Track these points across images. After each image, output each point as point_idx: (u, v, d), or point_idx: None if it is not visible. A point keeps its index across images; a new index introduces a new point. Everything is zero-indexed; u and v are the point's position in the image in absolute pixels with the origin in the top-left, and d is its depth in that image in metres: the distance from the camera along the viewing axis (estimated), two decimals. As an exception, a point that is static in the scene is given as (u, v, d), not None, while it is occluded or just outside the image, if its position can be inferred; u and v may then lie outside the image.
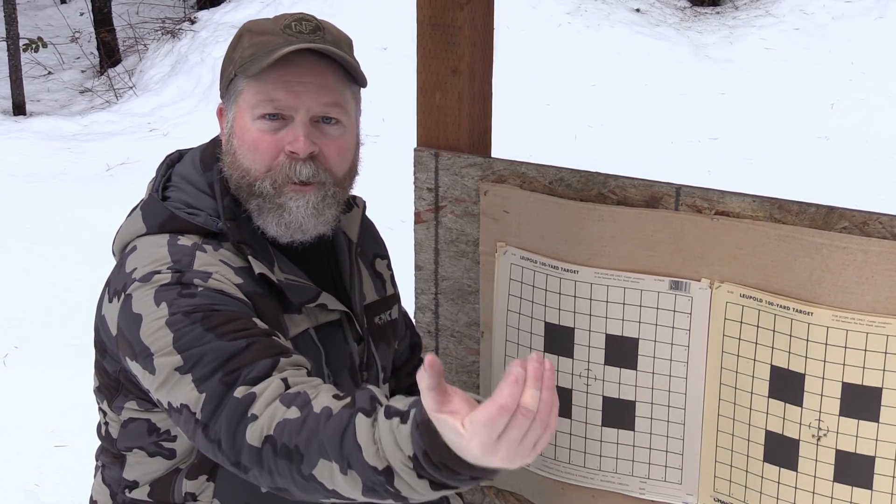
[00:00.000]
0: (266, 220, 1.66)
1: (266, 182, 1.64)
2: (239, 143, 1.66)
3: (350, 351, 1.75)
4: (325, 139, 1.66)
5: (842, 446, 1.84)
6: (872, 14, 9.17)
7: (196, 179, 1.72)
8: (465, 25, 2.11)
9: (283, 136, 1.64)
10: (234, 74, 1.67)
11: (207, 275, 1.57)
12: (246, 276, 1.63)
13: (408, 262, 2.25)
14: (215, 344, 1.49)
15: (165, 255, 1.61)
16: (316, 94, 1.65)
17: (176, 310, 1.52)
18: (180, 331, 1.51)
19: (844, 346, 1.81)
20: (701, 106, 8.33)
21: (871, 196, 5.91)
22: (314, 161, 1.65)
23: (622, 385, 2.04)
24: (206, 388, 1.47)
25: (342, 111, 1.69)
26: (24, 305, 5.01)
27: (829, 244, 1.81)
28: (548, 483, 2.17)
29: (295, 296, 1.67)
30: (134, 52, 9.87)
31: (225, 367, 1.47)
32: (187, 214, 1.68)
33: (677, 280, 1.96)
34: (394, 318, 1.91)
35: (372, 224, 1.97)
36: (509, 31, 8.60)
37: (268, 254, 1.68)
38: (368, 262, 1.89)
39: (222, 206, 1.67)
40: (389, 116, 7.19)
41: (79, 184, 6.76)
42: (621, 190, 2.00)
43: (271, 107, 1.63)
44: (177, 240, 1.64)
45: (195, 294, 1.53)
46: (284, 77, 1.64)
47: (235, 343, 1.49)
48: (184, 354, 1.50)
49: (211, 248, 1.63)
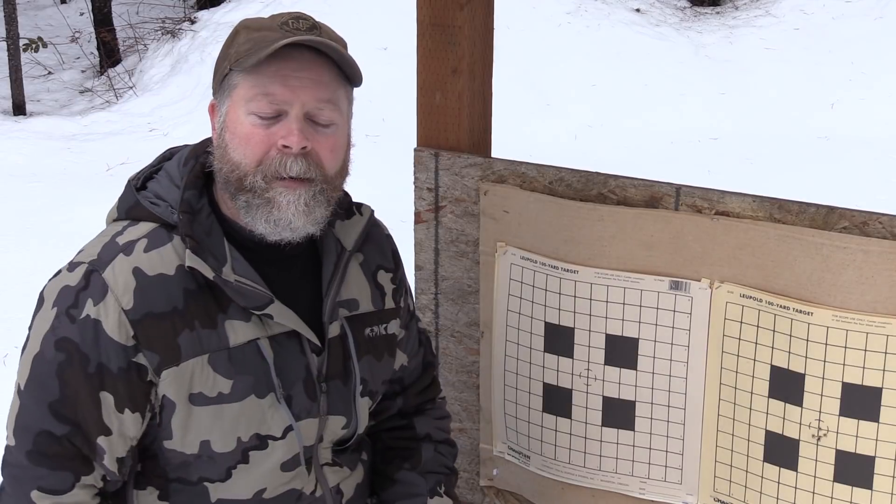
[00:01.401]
0: (255, 217, 1.65)
1: (257, 176, 1.63)
2: (230, 136, 1.66)
3: (307, 362, 1.73)
4: (317, 136, 1.66)
5: (842, 446, 1.84)
6: (872, 14, 9.17)
7: (174, 173, 1.74)
8: (465, 25, 2.11)
9: (276, 130, 1.64)
10: (228, 69, 1.67)
11: (104, 292, 1.64)
12: (181, 273, 1.66)
13: (408, 262, 2.25)
14: (44, 405, 1.63)
15: (98, 249, 1.69)
16: (311, 90, 1.65)
17: (54, 332, 1.65)
18: (41, 356, 1.65)
19: (844, 346, 1.81)
20: (701, 106, 8.33)
21: (871, 196, 5.91)
22: (306, 157, 1.64)
23: (622, 385, 2.04)
24: (15, 440, 1.65)
25: (335, 109, 1.68)
26: (25, 305, 4.99)
27: (829, 244, 1.81)
28: (548, 483, 2.17)
29: (242, 300, 1.66)
30: (134, 52, 9.88)
31: (36, 442, 1.63)
32: (150, 204, 1.71)
33: (677, 280, 1.96)
34: (390, 333, 1.87)
35: (386, 238, 1.93)
36: (509, 31, 8.60)
37: (221, 252, 1.67)
38: (370, 273, 1.87)
39: (182, 197, 1.68)
40: (389, 116, 7.20)
41: (79, 184, 6.76)
42: (621, 190, 2.00)
43: (266, 100, 1.63)
44: (119, 235, 1.69)
45: (75, 319, 1.63)
46: (280, 71, 1.63)
47: (57, 424, 1.63)
48: (29, 375, 1.66)
49: (140, 249, 1.66)
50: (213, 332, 1.66)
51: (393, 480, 1.93)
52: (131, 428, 1.65)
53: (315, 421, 1.75)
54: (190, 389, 1.65)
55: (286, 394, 1.70)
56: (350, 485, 1.85)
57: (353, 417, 1.80)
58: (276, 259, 1.71)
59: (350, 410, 1.80)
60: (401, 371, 1.94)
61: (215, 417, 1.66)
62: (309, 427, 1.74)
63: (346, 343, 1.79)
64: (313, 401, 1.74)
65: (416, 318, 1.99)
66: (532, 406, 2.15)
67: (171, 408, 1.66)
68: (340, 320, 1.78)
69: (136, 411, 1.65)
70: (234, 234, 1.71)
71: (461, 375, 2.25)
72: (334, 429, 1.79)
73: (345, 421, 1.79)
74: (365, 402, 1.82)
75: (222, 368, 1.66)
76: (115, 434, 1.64)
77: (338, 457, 1.82)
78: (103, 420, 1.63)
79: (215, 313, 1.67)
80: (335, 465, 1.82)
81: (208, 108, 1.74)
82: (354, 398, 1.80)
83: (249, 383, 1.67)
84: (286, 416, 1.70)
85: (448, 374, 2.27)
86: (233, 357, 1.67)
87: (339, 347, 1.78)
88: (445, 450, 2.00)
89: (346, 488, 1.84)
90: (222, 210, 1.72)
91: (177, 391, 1.65)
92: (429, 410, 2.00)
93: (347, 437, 1.82)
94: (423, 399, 2.00)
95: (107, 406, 1.63)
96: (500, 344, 2.16)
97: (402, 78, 6.75)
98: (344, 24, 6.80)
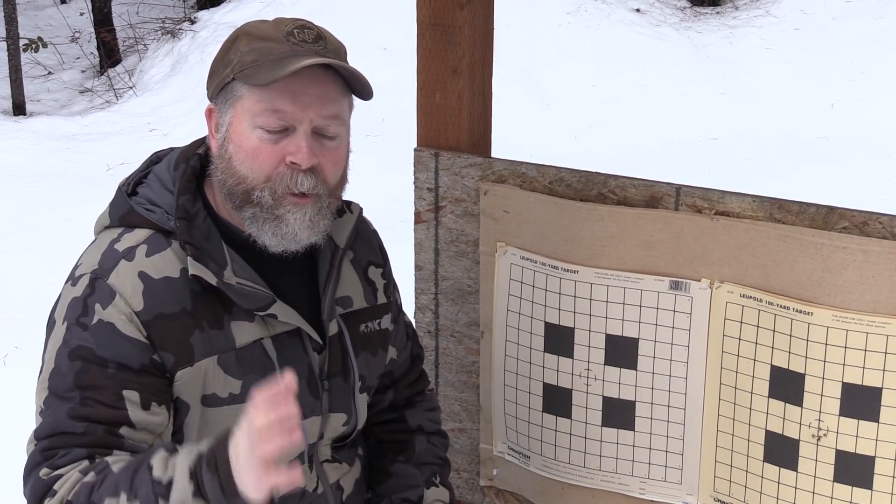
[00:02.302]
0: (262, 230, 1.66)
1: (265, 192, 1.63)
2: (235, 149, 1.65)
3: (309, 361, 1.74)
4: (324, 151, 1.66)
5: (842, 446, 1.84)
6: (872, 14, 9.16)
7: (165, 177, 1.73)
8: (465, 25, 2.11)
9: (285, 146, 1.63)
10: (231, 78, 1.66)
11: (112, 295, 1.63)
12: (185, 276, 1.66)
13: (408, 262, 2.25)
14: (63, 413, 1.60)
15: (97, 258, 1.67)
16: (319, 107, 1.64)
17: (67, 344, 1.63)
18: (57, 370, 1.63)
19: (844, 346, 1.81)
20: (701, 106, 8.33)
21: (871, 196, 5.90)
22: (314, 173, 1.65)
23: (622, 385, 2.04)
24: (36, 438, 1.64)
25: (341, 123, 1.68)
26: (24, 305, 5.01)
27: (829, 244, 1.81)
28: (548, 483, 2.17)
29: (245, 302, 1.67)
30: (134, 52, 9.87)
31: (52, 441, 1.61)
32: (145, 210, 1.70)
33: (677, 280, 1.96)
34: (384, 328, 1.89)
35: (373, 233, 1.94)
36: (509, 31, 8.59)
37: (221, 255, 1.67)
38: (361, 269, 1.87)
39: (177, 203, 1.68)
40: (389, 116, 7.19)
41: (79, 184, 6.76)
42: (621, 190, 2.00)
43: (276, 117, 1.62)
44: (117, 241, 1.68)
45: (87, 326, 1.62)
46: (290, 87, 1.62)
47: (76, 424, 1.60)
48: (48, 393, 1.63)
49: (142, 254, 1.66)
50: (220, 333, 1.67)
51: (388, 473, 1.94)
52: (159, 422, 1.63)
53: (318, 419, 1.76)
54: (203, 391, 1.66)
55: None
56: (349, 480, 1.86)
57: (353, 414, 1.82)
58: (273, 259, 1.72)
59: (350, 407, 1.81)
60: (390, 364, 1.95)
61: (227, 418, 1.65)
62: (312, 425, 1.75)
63: (344, 340, 1.80)
64: (316, 399, 1.74)
65: (403, 312, 2.00)
66: (532, 406, 2.15)
67: (184, 410, 1.66)
68: (337, 318, 1.79)
69: (163, 405, 1.64)
70: (231, 236, 1.71)
71: (461, 375, 2.25)
72: (335, 426, 1.79)
73: (346, 418, 1.80)
74: (363, 398, 1.84)
75: (232, 369, 1.67)
76: (139, 428, 1.62)
77: (337, 453, 1.83)
78: (129, 417, 1.61)
79: (221, 314, 1.67)
80: (335, 461, 1.83)
81: (205, 112, 1.73)
82: (354, 394, 1.81)
83: (257, 383, 1.67)
84: None
85: (448, 374, 2.27)
86: (240, 357, 1.67)
87: (338, 345, 1.79)
88: (438, 441, 2.01)
89: (345, 484, 1.85)
90: (218, 213, 1.72)
91: (190, 392, 1.65)
92: (419, 402, 2.02)
93: (347, 434, 1.83)
94: (412, 391, 2.02)
95: (132, 404, 1.61)
96: (500, 344, 2.16)
97: (402, 78, 6.75)
98: (344, 24, 6.81)
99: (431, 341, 2.25)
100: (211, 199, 1.73)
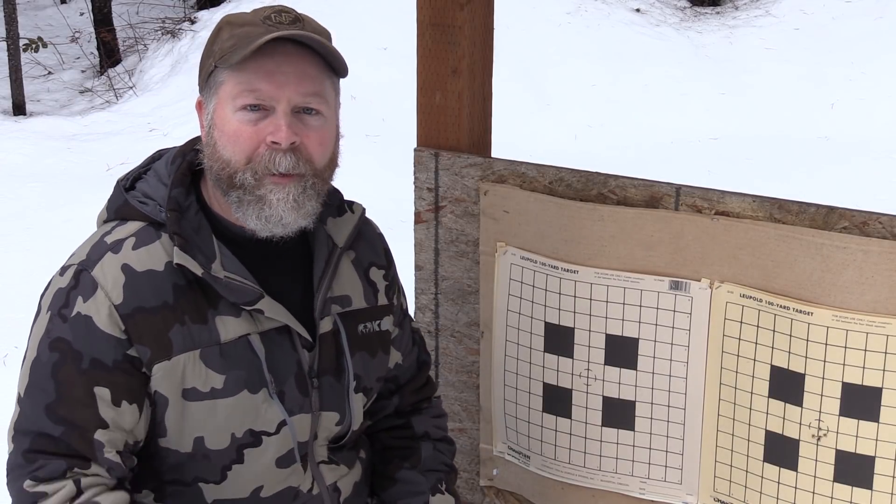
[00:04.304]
0: (246, 213, 1.67)
1: (247, 174, 1.65)
2: (219, 134, 1.66)
3: (298, 358, 1.74)
4: (306, 130, 1.67)
5: (842, 446, 1.84)
6: (872, 14, 9.16)
7: (162, 172, 1.75)
8: (465, 25, 2.11)
9: (265, 126, 1.64)
10: (213, 66, 1.67)
11: (94, 288, 1.65)
12: (170, 269, 1.67)
13: (408, 262, 2.25)
14: (41, 408, 1.63)
15: (87, 250, 1.70)
16: (297, 84, 1.65)
17: (49, 334, 1.66)
18: (38, 360, 1.66)
19: (844, 346, 1.81)
20: (701, 106, 8.33)
21: (871, 196, 5.91)
22: (295, 152, 1.65)
23: (622, 385, 2.04)
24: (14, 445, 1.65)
25: (322, 101, 1.69)
26: (24, 305, 4.98)
27: (829, 244, 1.81)
28: (548, 483, 2.17)
29: (232, 296, 1.67)
30: (134, 52, 9.87)
31: (32, 442, 1.63)
32: (139, 203, 1.72)
33: (677, 280, 1.96)
34: (384, 330, 1.88)
35: (378, 236, 1.94)
36: (509, 31, 8.60)
37: (210, 248, 1.68)
38: (363, 270, 1.87)
39: (169, 195, 1.69)
40: (389, 116, 7.19)
41: (79, 184, 6.76)
42: (621, 190, 2.00)
43: (252, 97, 1.64)
44: (108, 234, 1.70)
45: (67, 318, 1.64)
46: (265, 67, 1.64)
47: (54, 426, 1.62)
48: (28, 381, 1.66)
49: (129, 247, 1.67)
50: (203, 328, 1.67)
51: (393, 480, 1.93)
52: (129, 420, 1.65)
53: (308, 416, 1.75)
54: (183, 384, 1.66)
55: (279, 389, 1.71)
56: (348, 483, 1.85)
57: (346, 413, 1.81)
58: (267, 255, 1.72)
59: (343, 406, 1.80)
60: (395, 370, 1.95)
61: (209, 412, 1.67)
62: (302, 422, 1.74)
63: (339, 339, 1.80)
64: (305, 396, 1.74)
65: (409, 318, 2.00)
66: (532, 406, 2.15)
67: (164, 403, 1.66)
68: (333, 316, 1.79)
69: (134, 402, 1.65)
70: (223, 231, 1.72)
71: (461, 375, 2.25)
72: (328, 425, 1.79)
73: (338, 417, 1.80)
74: (359, 399, 1.83)
75: (214, 363, 1.67)
76: (112, 427, 1.64)
77: (334, 454, 1.83)
78: (100, 415, 1.63)
79: (205, 309, 1.68)
80: (331, 462, 1.82)
81: (195, 104, 1.75)
82: (348, 394, 1.80)
83: (242, 378, 1.68)
84: (279, 411, 1.71)
85: (448, 374, 2.27)
86: (224, 352, 1.68)
87: (332, 343, 1.78)
88: (444, 447, 2.00)
89: (343, 486, 1.84)
90: (212, 207, 1.73)
91: (169, 386, 1.65)
92: (425, 409, 2.01)
93: (342, 434, 1.83)
94: (419, 398, 2.01)
95: (103, 401, 1.63)
96: (500, 344, 2.16)
97: (402, 78, 6.76)
98: (344, 24, 6.81)
99: (431, 341, 2.26)
100: (206, 194, 1.74)
